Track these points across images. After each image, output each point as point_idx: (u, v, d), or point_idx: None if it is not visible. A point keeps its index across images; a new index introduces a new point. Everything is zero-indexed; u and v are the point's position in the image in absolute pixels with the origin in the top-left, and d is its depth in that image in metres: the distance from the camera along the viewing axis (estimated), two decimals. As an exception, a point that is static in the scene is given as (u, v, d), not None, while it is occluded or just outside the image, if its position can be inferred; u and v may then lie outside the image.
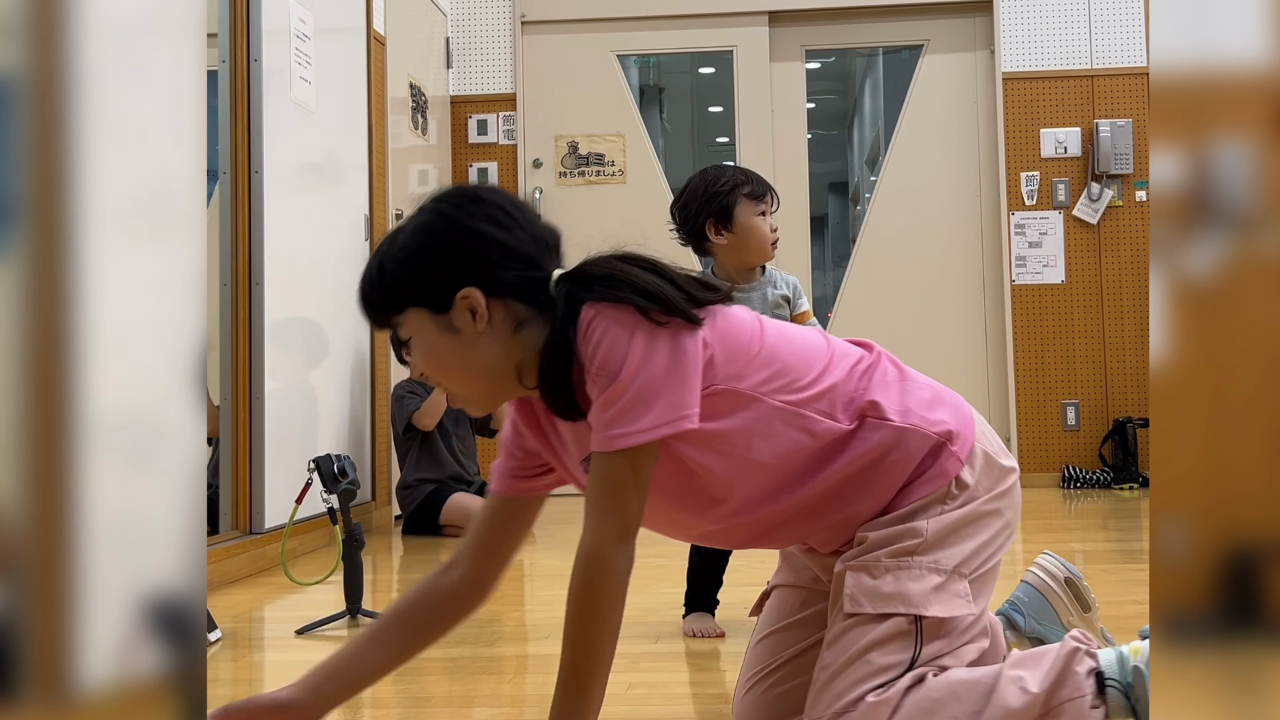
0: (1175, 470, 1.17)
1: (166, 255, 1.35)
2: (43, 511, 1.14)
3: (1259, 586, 1.12)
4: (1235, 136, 1.16)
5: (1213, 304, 1.15)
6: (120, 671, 1.20)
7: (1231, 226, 1.15)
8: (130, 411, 1.29)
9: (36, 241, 1.16)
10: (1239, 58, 1.15)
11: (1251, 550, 1.12)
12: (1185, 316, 1.17)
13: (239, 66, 3.73)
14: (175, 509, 1.32)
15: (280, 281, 3.82)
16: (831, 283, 6.65)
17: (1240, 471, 1.15)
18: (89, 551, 1.19)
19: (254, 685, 2.24)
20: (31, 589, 1.12)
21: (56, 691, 1.13)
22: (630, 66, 6.31)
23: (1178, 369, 1.17)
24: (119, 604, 1.23)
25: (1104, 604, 2.73)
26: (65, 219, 1.19)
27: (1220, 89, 1.18)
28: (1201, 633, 1.14)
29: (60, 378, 1.17)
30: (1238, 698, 1.13)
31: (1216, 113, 1.18)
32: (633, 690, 2.05)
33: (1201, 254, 1.16)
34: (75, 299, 1.20)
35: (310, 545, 3.94)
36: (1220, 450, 1.16)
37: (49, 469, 1.16)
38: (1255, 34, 1.14)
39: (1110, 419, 5.60)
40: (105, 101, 1.27)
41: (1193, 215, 1.17)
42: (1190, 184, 1.17)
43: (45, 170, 1.18)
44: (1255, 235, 1.13)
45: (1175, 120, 1.20)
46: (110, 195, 1.27)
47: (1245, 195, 1.15)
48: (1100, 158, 5.61)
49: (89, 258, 1.23)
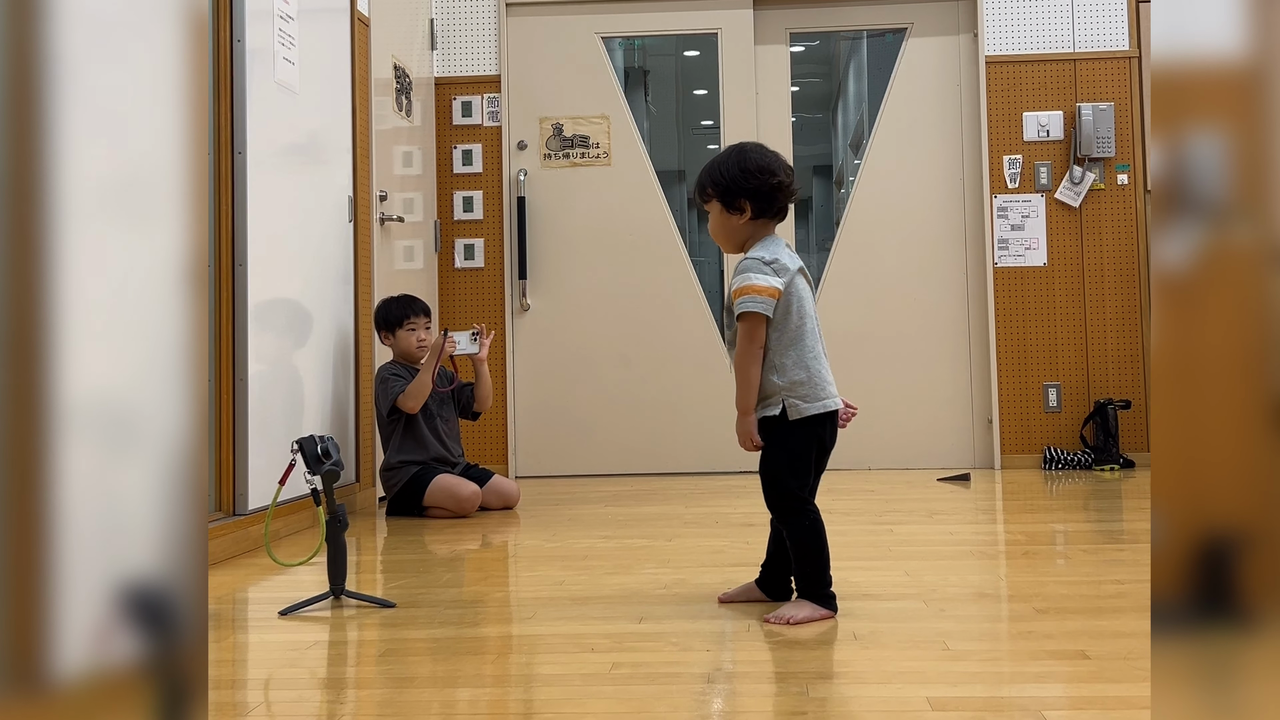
0: (1167, 460, 1.18)
1: (145, 243, 1.34)
2: (15, 499, 1.14)
3: (1231, 575, 1.13)
4: (1215, 128, 1.17)
5: (1188, 294, 1.16)
6: (96, 661, 1.19)
7: (1209, 216, 1.16)
8: (106, 399, 1.29)
9: (9, 228, 1.15)
10: (1225, 51, 1.16)
11: (1224, 539, 1.14)
12: (1170, 306, 1.18)
13: (222, 47, 3.71)
14: (157, 496, 1.31)
15: (263, 263, 3.81)
16: (816, 265, 6.65)
17: (1213, 460, 1.16)
18: (63, 540, 1.18)
19: (237, 666, 2.24)
20: (5, 577, 1.11)
21: (31, 681, 1.12)
22: (615, 49, 6.30)
23: (1166, 358, 1.18)
24: (95, 592, 1.22)
25: (1084, 584, 2.75)
26: (39, 206, 1.19)
27: (1207, 81, 1.19)
28: (1189, 620, 1.15)
29: (34, 365, 1.17)
30: (1217, 685, 1.15)
31: (1204, 104, 1.19)
32: (616, 670, 2.06)
33: (1182, 243, 1.17)
34: (50, 286, 1.20)
35: (294, 527, 3.95)
36: (1195, 439, 1.18)
37: (22, 457, 1.15)
38: (1236, 28, 1.14)
39: (1091, 401, 5.63)
40: (81, 88, 1.26)
41: (1180, 205, 1.18)
42: (1183, 175, 1.18)
43: (18, 156, 1.17)
44: (1229, 226, 1.14)
45: (1173, 112, 1.21)
46: (85, 182, 1.26)
47: (1222, 186, 1.16)
48: (1082, 141, 5.63)
49: (63, 245, 1.22)
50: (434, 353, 4.45)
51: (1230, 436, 1.13)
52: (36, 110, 1.19)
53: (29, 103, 1.18)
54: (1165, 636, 1.15)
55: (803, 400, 2.49)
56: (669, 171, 5.93)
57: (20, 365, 1.15)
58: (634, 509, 4.38)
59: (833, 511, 4.17)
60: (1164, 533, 1.15)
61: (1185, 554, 1.14)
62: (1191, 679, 1.14)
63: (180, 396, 1.34)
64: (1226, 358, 1.14)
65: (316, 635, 2.44)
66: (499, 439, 5.78)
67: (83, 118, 1.27)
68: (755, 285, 2.46)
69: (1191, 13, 1.17)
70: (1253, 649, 1.09)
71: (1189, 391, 1.16)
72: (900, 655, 2.13)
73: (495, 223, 5.84)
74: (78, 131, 1.26)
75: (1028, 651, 2.15)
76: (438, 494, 4.34)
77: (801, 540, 2.50)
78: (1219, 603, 1.12)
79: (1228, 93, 1.15)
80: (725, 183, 2.53)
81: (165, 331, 1.34)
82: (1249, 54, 1.12)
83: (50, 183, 1.21)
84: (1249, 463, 1.11)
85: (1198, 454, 1.16)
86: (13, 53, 1.16)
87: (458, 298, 5.84)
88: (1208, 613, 1.13)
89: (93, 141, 1.30)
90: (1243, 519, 1.11)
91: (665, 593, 2.75)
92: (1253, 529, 1.10)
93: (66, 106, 1.24)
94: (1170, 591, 1.15)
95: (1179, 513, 1.15)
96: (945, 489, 4.90)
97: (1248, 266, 1.12)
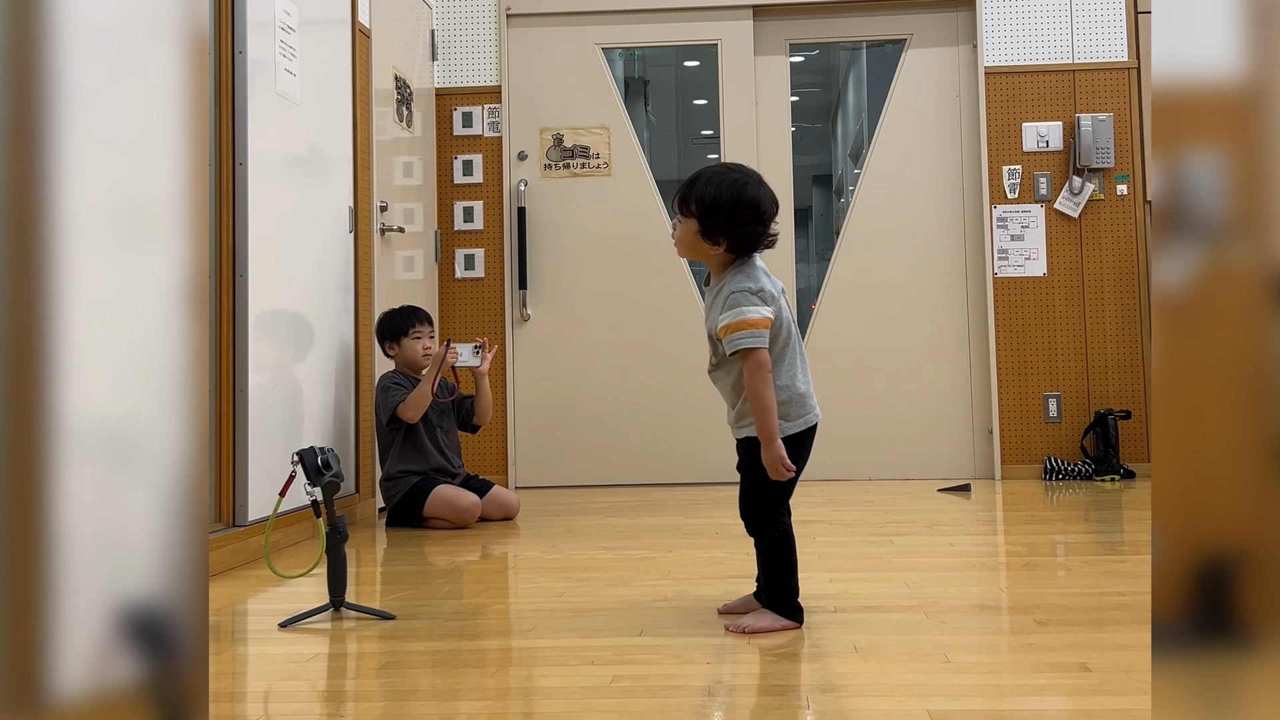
0: (1168, 480, 1.18)
1: (148, 263, 1.34)
2: (16, 519, 1.13)
3: (1231, 594, 1.13)
4: (1215, 148, 1.17)
5: (1188, 315, 1.16)
6: (95, 682, 1.19)
7: (1210, 237, 1.16)
8: (106, 421, 1.28)
9: (11, 249, 1.15)
10: (1216, 72, 1.16)
11: (1224, 559, 1.13)
12: (1171, 326, 1.18)
13: (224, 58, 3.72)
14: (157, 516, 1.30)
15: (264, 273, 3.82)
16: (816, 275, 6.66)
17: (1215, 481, 1.16)
18: (63, 559, 1.18)
19: (236, 678, 2.24)
20: (4, 597, 1.11)
21: (29, 701, 1.12)
22: (615, 59, 6.30)
23: (1167, 378, 1.18)
24: (94, 614, 1.22)
25: (1085, 596, 2.75)
26: (40, 227, 1.18)
27: (1207, 102, 1.19)
28: (1190, 640, 1.15)
29: (35, 386, 1.16)
30: (1219, 706, 1.14)
31: (1205, 125, 1.19)
32: (617, 682, 2.06)
33: (1182, 263, 1.17)
34: (51, 307, 1.19)
35: (294, 538, 3.95)
36: (1197, 459, 1.17)
37: (23, 476, 1.15)
38: (1236, 49, 1.15)
39: (1091, 411, 5.63)
40: (82, 108, 1.26)
41: (1181, 225, 1.18)
42: (1183, 195, 1.18)
43: (19, 178, 1.17)
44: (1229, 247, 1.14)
45: (1174, 132, 1.21)
46: (87, 203, 1.26)
47: (1220, 207, 1.16)
48: (1081, 151, 5.64)
49: (66, 266, 1.22)
50: (435, 363, 4.45)
51: (1231, 457, 1.13)
52: (39, 131, 1.19)
53: (32, 124, 1.18)
54: (1166, 657, 1.15)
55: (785, 420, 2.50)
56: (669, 182, 5.92)
57: (22, 385, 1.15)
58: (634, 520, 4.38)
59: (833, 522, 4.17)
60: (1165, 553, 1.15)
61: (1186, 574, 1.14)
62: (1193, 700, 1.14)
63: (180, 417, 1.34)
64: (1227, 378, 1.13)
65: (316, 647, 2.43)
66: (498, 449, 5.78)
67: (86, 139, 1.27)
68: (750, 320, 2.45)
69: (1191, 34, 1.17)
70: (1254, 670, 1.09)
71: (1190, 411, 1.16)
72: (901, 668, 2.12)
73: (495, 233, 5.84)
74: (81, 152, 1.26)
75: (1029, 664, 2.15)
76: (438, 505, 4.33)
77: (772, 552, 2.51)
78: (1219, 623, 1.12)
79: (1228, 113, 1.15)
80: (713, 214, 2.47)
81: (166, 352, 1.34)
82: (1249, 75, 1.13)
83: (53, 204, 1.20)
84: (1250, 483, 1.10)
85: (1199, 474, 1.16)
86: (16, 73, 1.16)
87: (458, 308, 5.84)
88: (1208, 633, 1.12)
89: (96, 162, 1.29)
90: (1243, 540, 1.11)
91: (666, 605, 2.75)
92: (1254, 549, 1.09)
93: (70, 128, 1.23)
94: (1171, 612, 1.15)
95: (1180, 533, 1.14)
96: (946, 499, 4.89)
97: (1248, 287, 1.12)
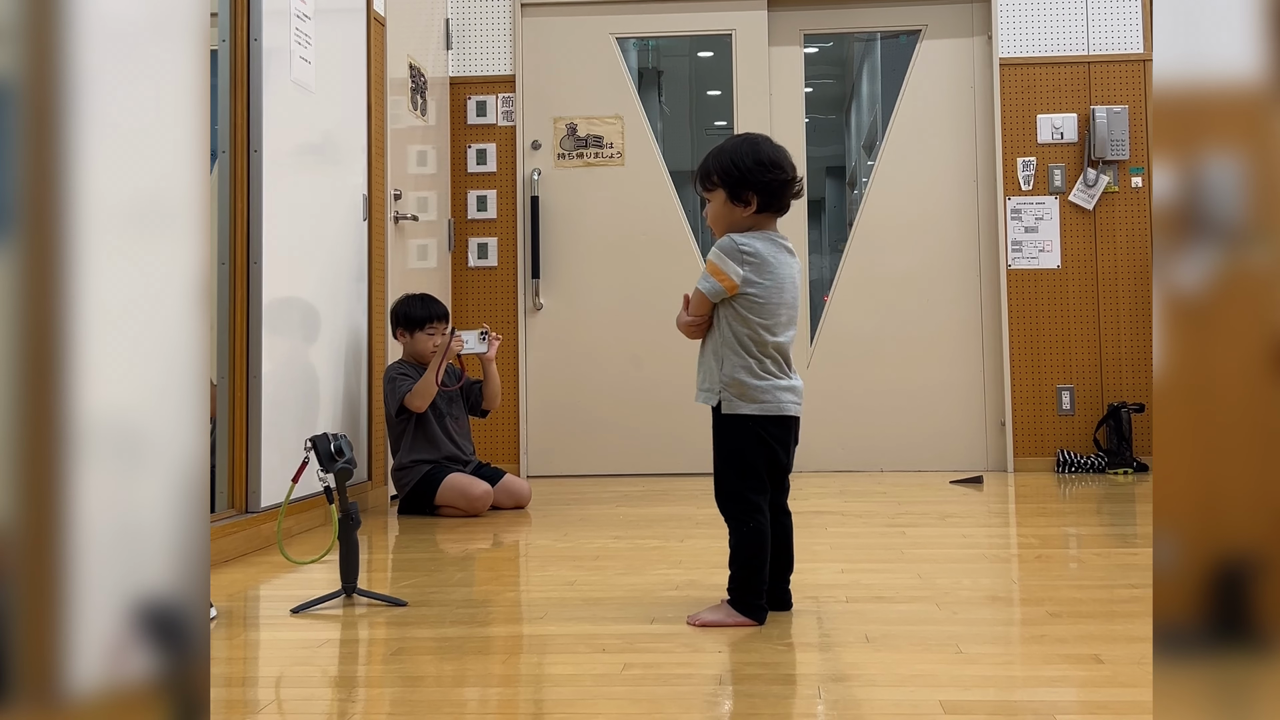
0: (1171, 484, 1.17)
1: (163, 259, 1.34)
2: (33, 515, 1.14)
3: (1247, 598, 1.12)
4: (1226, 151, 1.16)
5: (1200, 317, 1.15)
6: (111, 676, 1.19)
7: (1223, 240, 1.15)
8: (123, 416, 1.29)
9: (30, 246, 1.15)
10: (1233, 73, 1.16)
11: (1240, 563, 1.13)
12: (1179, 328, 1.17)
13: (239, 46, 3.72)
14: (170, 513, 1.31)
15: (278, 261, 3.82)
16: (829, 266, 6.65)
17: (1226, 485, 1.15)
18: (80, 555, 1.18)
19: (248, 664, 2.25)
20: (22, 593, 1.11)
21: (47, 696, 1.12)
22: (629, 49, 6.29)
23: (1173, 379, 1.17)
24: (110, 608, 1.22)
25: (1097, 588, 2.75)
26: (59, 223, 1.19)
27: (1215, 104, 1.18)
28: (1198, 644, 1.14)
29: (53, 382, 1.17)
30: (1230, 710, 1.13)
31: (1211, 128, 1.18)
32: (628, 670, 2.06)
33: (1194, 266, 1.16)
34: (69, 303, 1.20)
35: (306, 524, 3.96)
36: (1205, 463, 1.17)
37: (40, 473, 1.15)
38: (1247, 49, 1.14)
39: (1105, 404, 5.62)
40: (101, 104, 1.26)
41: (1188, 228, 1.17)
42: (1194, 198, 1.18)
43: (39, 174, 1.17)
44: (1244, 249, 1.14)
45: (1175, 134, 1.20)
46: (105, 199, 1.26)
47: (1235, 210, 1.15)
48: (1096, 143, 5.62)
49: (83, 262, 1.22)
50: (440, 352, 4.44)
51: (1245, 461, 1.12)
52: (58, 129, 1.19)
53: (50, 121, 1.18)
54: (1168, 661, 1.15)
55: (739, 398, 2.45)
56: (682, 172, 5.92)
57: (38, 382, 1.15)
58: (645, 509, 4.38)
59: (845, 513, 4.17)
60: (1168, 557, 1.14)
61: (1193, 578, 1.13)
62: (1199, 702, 1.13)
63: (190, 410, 1.35)
64: (1241, 380, 1.13)
65: (328, 633, 2.44)
66: (510, 438, 5.78)
67: (103, 136, 1.27)
68: (719, 270, 2.44)
69: (1197, 35, 1.16)
70: (1269, 676, 1.08)
71: (1199, 414, 1.15)
72: (913, 658, 2.12)
73: (509, 222, 5.84)
74: (98, 149, 1.26)
75: (1041, 655, 2.15)
76: (449, 493, 4.34)
77: (741, 547, 2.45)
78: (1231, 627, 1.11)
79: (1228, 113, 1.14)
80: (736, 174, 2.47)
81: (179, 346, 1.34)
82: (1259, 74, 1.12)
83: (73, 200, 1.21)
84: (1265, 487, 1.09)
85: (1208, 478, 1.15)
86: (35, 70, 1.17)
87: (471, 297, 5.85)
88: (1219, 637, 1.11)
89: (115, 159, 1.30)
90: (1257, 543, 1.10)
91: (677, 594, 2.75)
92: (1268, 553, 1.08)
93: (87, 125, 1.24)
94: (1176, 616, 1.14)
95: (1186, 537, 1.14)
96: (958, 491, 4.89)
97: (1264, 289, 1.11)
